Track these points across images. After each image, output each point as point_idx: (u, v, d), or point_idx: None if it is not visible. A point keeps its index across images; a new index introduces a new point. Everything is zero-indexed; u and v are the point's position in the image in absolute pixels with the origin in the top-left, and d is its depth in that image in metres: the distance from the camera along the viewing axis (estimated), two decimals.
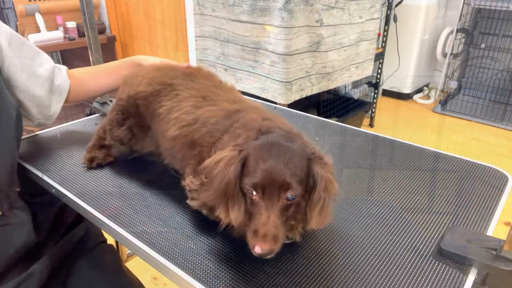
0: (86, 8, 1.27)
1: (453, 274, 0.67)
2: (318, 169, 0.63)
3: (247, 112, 0.80)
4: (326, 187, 0.63)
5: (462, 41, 3.52)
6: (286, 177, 0.60)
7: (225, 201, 0.64)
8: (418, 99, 3.88)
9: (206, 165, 0.67)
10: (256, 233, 0.60)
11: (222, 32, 2.33)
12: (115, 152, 1.01)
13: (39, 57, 0.99)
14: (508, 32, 3.42)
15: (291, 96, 2.21)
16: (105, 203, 0.85)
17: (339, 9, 2.29)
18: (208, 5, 2.34)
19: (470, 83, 3.74)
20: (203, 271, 0.67)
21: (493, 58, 3.50)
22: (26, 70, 0.93)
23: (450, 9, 3.78)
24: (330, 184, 0.63)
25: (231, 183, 0.63)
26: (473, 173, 0.98)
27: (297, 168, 0.62)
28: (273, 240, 0.59)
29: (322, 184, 0.62)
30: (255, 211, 0.62)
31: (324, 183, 0.63)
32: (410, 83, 3.77)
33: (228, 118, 0.79)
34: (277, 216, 0.61)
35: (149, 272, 1.71)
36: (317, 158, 0.65)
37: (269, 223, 0.60)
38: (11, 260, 0.83)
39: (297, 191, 0.61)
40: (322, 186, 0.62)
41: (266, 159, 0.62)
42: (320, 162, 0.65)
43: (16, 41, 0.92)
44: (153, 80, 0.91)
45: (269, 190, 0.61)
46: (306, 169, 0.63)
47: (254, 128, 0.71)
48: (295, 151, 0.63)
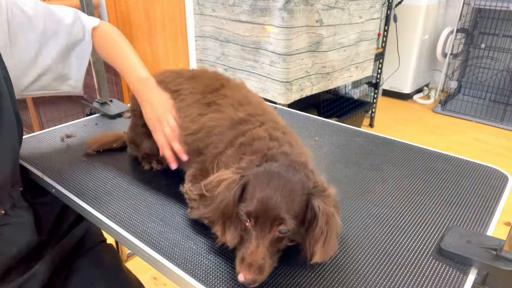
0: (86, 8, 1.27)
1: (453, 274, 0.67)
2: (319, 203, 0.62)
3: (254, 124, 0.78)
4: (327, 221, 0.62)
5: (462, 41, 3.52)
6: (281, 211, 0.60)
7: (222, 221, 0.66)
8: (418, 99, 3.88)
9: (209, 182, 0.68)
10: (243, 260, 0.60)
11: (222, 32, 2.33)
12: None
13: (52, 23, 0.91)
14: (508, 32, 3.42)
15: (291, 96, 2.21)
16: (105, 203, 0.85)
17: (339, 9, 2.29)
18: (208, 5, 2.34)
19: (470, 83, 3.74)
20: (203, 271, 0.67)
21: (493, 58, 3.50)
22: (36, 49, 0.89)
23: (450, 9, 3.78)
24: (332, 218, 0.63)
25: (230, 206, 0.64)
26: (473, 173, 0.98)
27: (294, 203, 0.62)
28: (257, 270, 0.59)
29: (323, 219, 0.62)
30: (246, 237, 0.63)
31: (325, 218, 0.62)
32: (410, 83, 3.77)
33: (233, 129, 0.78)
34: (266, 247, 0.61)
35: (149, 272, 1.71)
36: (319, 191, 0.64)
37: (256, 253, 0.60)
38: (13, 259, 0.83)
39: (290, 226, 0.61)
40: (324, 220, 0.62)
41: (263, 189, 0.62)
42: (322, 196, 0.64)
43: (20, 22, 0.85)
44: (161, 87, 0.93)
45: (262, 221, 0.61)
46: (305, 203, 0.63)
47: (259, 151, 0.70)
48: (295, 184, 0.63)
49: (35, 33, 0.87)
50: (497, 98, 3.58)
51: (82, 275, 0.93)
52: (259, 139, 0.74)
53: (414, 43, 3.57)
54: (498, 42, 3.47)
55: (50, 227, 0.94)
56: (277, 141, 0.74)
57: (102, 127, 1.23)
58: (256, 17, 2.11)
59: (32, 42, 0.87)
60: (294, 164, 0.67)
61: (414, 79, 3.77)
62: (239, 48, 2.28)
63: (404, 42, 3.55)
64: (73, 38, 0.94)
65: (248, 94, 0.89)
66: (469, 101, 3.50)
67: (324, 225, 0.62)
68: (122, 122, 1.26)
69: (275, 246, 0.62)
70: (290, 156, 0.70)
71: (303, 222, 0.64)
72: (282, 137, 0.75)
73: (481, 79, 3.64)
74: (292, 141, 0.76)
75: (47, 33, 0.89)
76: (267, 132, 0.76)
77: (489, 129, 3.30)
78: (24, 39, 0.85)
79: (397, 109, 3.72)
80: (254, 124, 0.79)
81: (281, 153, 0.70)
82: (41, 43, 0.88)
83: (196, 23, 2.46)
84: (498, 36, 3.46)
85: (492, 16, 3.39)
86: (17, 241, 0.84)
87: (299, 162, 0.68)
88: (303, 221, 0.64)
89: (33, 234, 0.87)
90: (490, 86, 3.60)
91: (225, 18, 2.27)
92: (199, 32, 2.48)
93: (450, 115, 3.54)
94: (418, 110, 3.71)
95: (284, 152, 0.71)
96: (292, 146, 0.74)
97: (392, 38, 3.45)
